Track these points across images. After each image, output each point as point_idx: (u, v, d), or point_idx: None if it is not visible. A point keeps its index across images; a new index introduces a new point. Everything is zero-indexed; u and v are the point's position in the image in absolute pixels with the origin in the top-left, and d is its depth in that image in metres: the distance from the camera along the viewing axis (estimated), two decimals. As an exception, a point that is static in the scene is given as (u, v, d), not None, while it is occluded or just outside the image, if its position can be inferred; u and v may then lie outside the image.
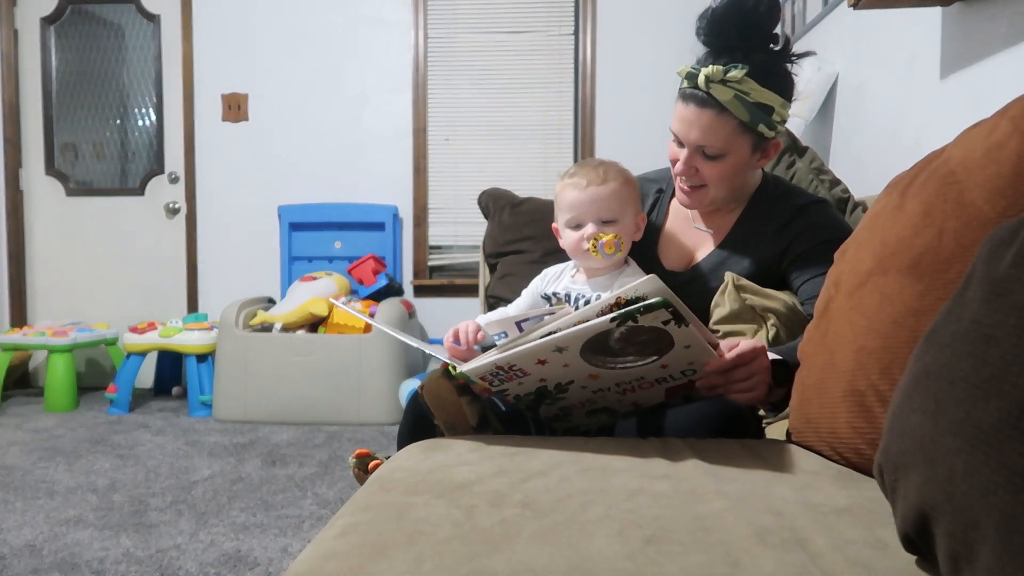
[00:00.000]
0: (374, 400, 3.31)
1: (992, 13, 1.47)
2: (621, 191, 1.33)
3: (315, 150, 3.93)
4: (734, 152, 1.28)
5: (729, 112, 1.24)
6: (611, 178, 1.33)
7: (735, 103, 1.24)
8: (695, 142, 1.28)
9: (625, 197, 1.34)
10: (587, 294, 1.34)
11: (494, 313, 1.44)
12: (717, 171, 1.30)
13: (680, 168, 1.32)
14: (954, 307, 0.63)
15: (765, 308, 1.27)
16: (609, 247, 1.30)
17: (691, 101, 1.27)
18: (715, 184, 1.32)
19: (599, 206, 1.32)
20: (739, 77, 1.22)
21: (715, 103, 1.24)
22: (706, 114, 1.25)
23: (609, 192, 1.32)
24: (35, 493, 2.37)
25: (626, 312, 0.87)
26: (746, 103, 1.24)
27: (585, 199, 1.32)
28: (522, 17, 3.85)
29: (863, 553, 0.66)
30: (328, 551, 0.70)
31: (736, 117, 1.25)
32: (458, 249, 3.97)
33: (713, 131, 1.26)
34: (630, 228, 1.36)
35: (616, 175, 1.34)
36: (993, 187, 0.80)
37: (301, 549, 1.82)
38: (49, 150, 4.09)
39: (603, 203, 1.32)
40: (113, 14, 4.05)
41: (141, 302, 4.05)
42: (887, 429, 0.67)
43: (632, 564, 0.64)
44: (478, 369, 0.99)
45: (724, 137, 1.26)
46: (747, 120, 1.25)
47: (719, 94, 1.24)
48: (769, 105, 1.26)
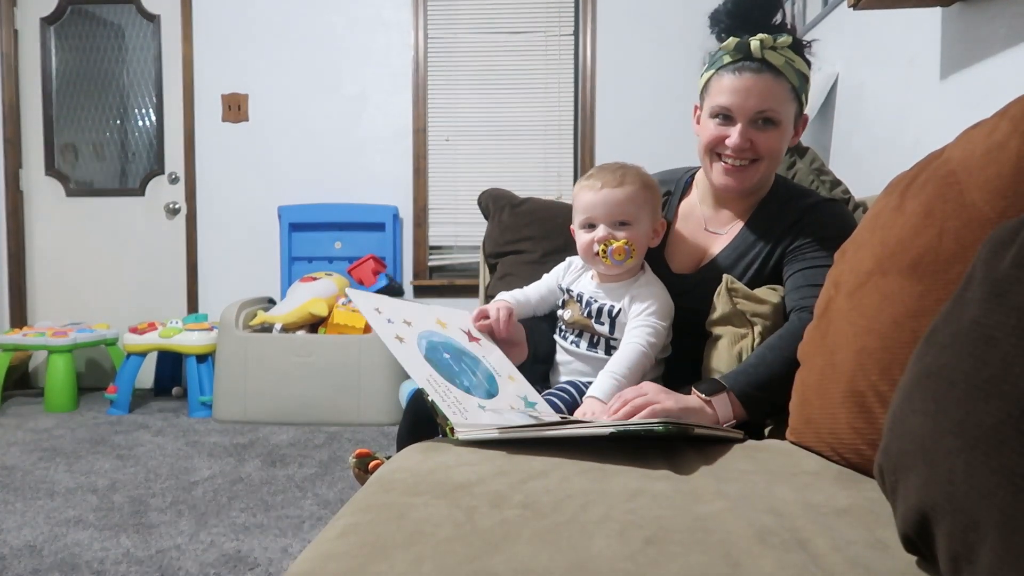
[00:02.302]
0: (374, 400, 3.31)
1: (992, 14, 1.47)
2: (637, 195, 1.29)
3: (315, 150, 3.93)
4: (785, 120, 1.30)
5: (784, 76, 1.27)
6: (628, 182, 1.30)
7: (787, 68, 1.27)
8: (754, 108, 1.28)
9: (641, 201, 1.30)
10: (600, 300, 1.33)
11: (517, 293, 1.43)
12: (772, 141, 1.30)
13: (735, 141, 1.29)
14: (954, 308, 0.63)
15: (754, 313, 1.27)
16: (619, 254, 1.27)
17: (745, 71, 1.28)
18: (769, 156, 1.31)
19: (612, 208, 1.29)
20: (787, 43, 1.26)
21: (771, 68, 1.27)
22: (764, 79, 1.27)
23: (624, 195, 1.29)
24: (35, 493, 2.37)
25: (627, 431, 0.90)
26: (794, 69, 1.28)
27: (599, 200, 1.29)
28: (522, 17, 3.85)
29: (863, 553, 0.66)
30: (328, 551, 0.70)
31: (789, 81, 1.28)
32: (458, 249, 3.97)
33: (773, 95, 1.28)
34: (644, 233, 1.31)
35: (635, 179, 1.30)
36: (993, 187, 0.80)
37: (301, 550, 1.82)
38: (49, 150, 4.09)
39: (617, 205, 1.29)
40: (113, 14, 4.05)
41: (141, 302, 4.05)
42: (887, 430, 0.67)
43: (632, 565, 0.64)
44: (476, 435, 1.00)
45: (782, 101, 1.29)
46: (796, 86, 1.29)
47: (773, 59, 1.27)
48: (806, 75, 1.30)
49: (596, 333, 1.33)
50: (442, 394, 1.05)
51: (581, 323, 1.34)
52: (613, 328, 1.31)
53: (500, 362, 1.25)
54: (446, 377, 1.10)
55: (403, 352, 1.11)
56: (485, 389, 1.14)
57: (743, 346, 1.26)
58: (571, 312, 1.36)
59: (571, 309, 1.36)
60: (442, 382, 1.08)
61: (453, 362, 1.16)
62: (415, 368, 1.09)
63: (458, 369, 1.14)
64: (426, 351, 1.13)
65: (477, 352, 1.23)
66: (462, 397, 1.08)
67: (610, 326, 1.31)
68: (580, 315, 1.34)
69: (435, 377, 1.08)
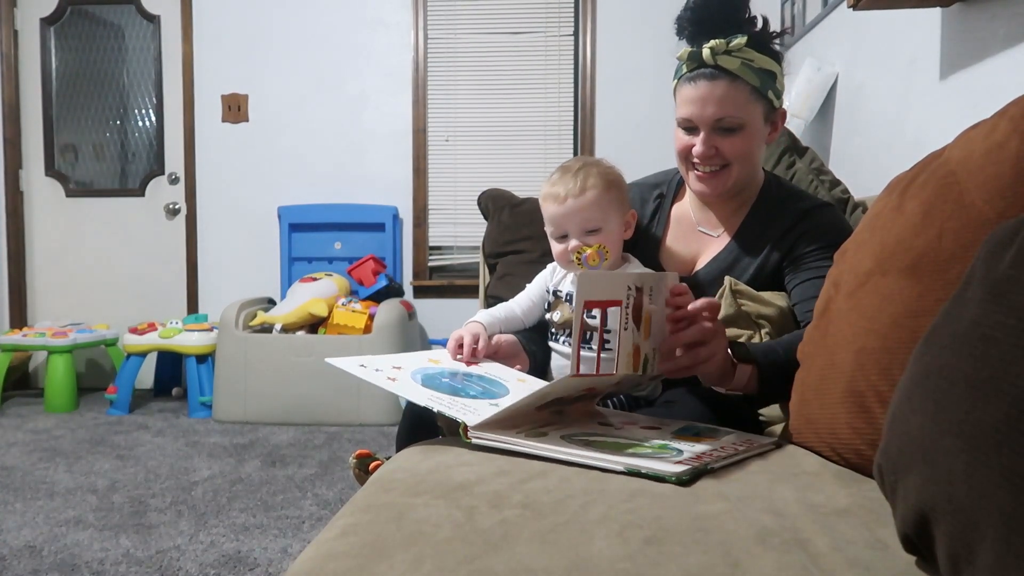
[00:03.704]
0: (374, 401, 3.31)
1: (992, 14, 1.47)
2: (601, 198, 1.28)
3: (315, 151, 3.93)
4: (750, 122, 1.29)
5: (741, 79, 1.26)
6: (590, 185, 1.28)
7: (744, 69, 1.26)
8: (712, 116, 1.28)
9: (606, 203, 1.29)
10: None
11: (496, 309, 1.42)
12: (738, 145, 1.30)
13: (700, 151, 1.30)
14: (953, 308, 0.63)
15: (760, 315, 1.27)
16: (593, 259, 1.27)
17: (700, 79, 1.28)
18: (738, 160, 1.31)
19: (580, 217, 1.28)
20: (741, 45, 1.25)
21: (725, 73, 1.26)
22: (719, 85, 1.27)
23: (588, 202, 1.28)
24: (35, 494, 2.37)
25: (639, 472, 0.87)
26: (753, 69, 1.27)
27: (565, 212, 1.29)
28: (522, 18, 3.86)
29: (863, 554, 0.66)
30: (328, 552, 0.70)
31: (748, 83, 1.27)
32: (458, 250, 3.97)
33: (730, 100, 1.27)
34: (615, 234, 1.32)
35: (596, 181, 1.29)
36: (993, 188, 0.80)
37: (301, 550, 1.82)
38: (49, 151, 4.09)
39: (584, 214, 1.28)
40: (113, 15, 4.05)
41: (141, 303, 4.05)
42: (887, 430, 0.67)
43: (632, 565, 0.64)
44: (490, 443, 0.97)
45: (740, 105, 1.28)
46: (758, 85, 1.28)
47: (727, 63, 1.26)
48: (772, 71, 1.29)
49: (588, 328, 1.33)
50: (447, 404, 1.03)
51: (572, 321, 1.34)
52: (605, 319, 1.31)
53: (504, 372, 1.24)
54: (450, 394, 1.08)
55: (399, 386, 1.09)
56: (494, 393, 1.12)
57: None
58: (560, 313, 1.35)
59: (560, 310, 1.35)
60: (446, 397, 1.06)
61: (454, 381, 1.13)
62: (414, 394, 1.06)
63: (460, 386, 1.12)
64: (423, 382, 1.11)
65: (478, 371, 1.21)
66: (470, 402, 1.06)
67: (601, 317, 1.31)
68: (570, 313, 1.33)
69: (437, 395, 1.06)
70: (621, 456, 0.89)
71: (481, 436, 0.97)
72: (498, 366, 1.26)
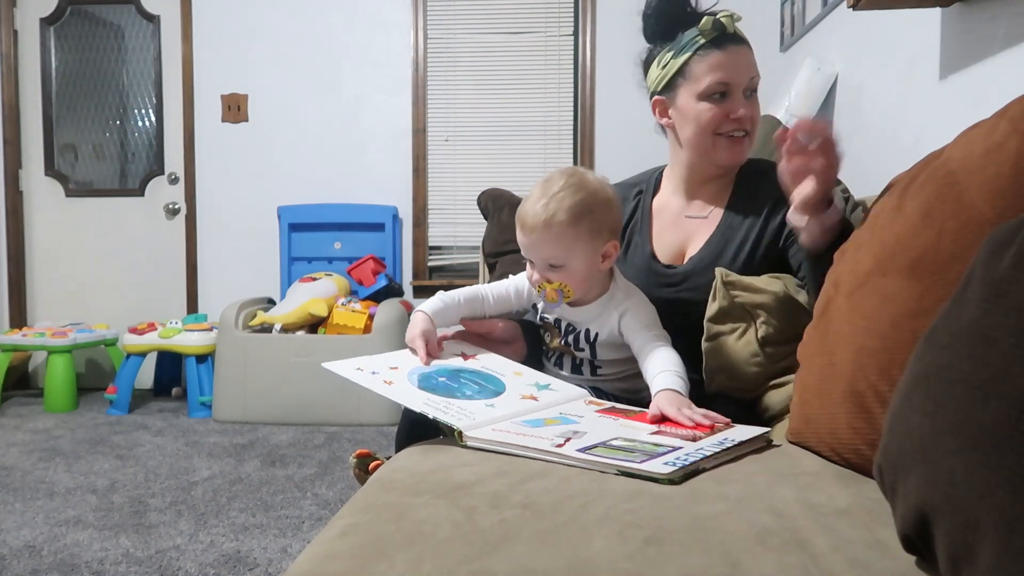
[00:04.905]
0: (374, 401, 3.30)
1: (992, 14, 1.47)
2: (565, 234, 1.20)
3: (315, 151, 3.92)
4: None
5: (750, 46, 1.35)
6: (557, 219, 1.19)
7: None
8: (748, 76, 1.33)
9: (571, 240, 1.20)
10: (576, 327, 1.30)
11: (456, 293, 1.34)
12: (757, 111, 1.36)
13: (742, 112, 1.32)
14: (953, 308, 0.63)
15: (754, 304, 1.24)
16: (551, 297, 1.25)
17: (728, 44, 1.32)
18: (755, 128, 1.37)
19: (543, 252, 1.23)
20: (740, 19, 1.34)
21: (744, 39, 1.34)
22: (745, 50, 1.34)
23: (552, 237, 1.20)
24: (35, 494, 2.37)
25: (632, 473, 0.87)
26: None
27: (529, 244, 1.25)
28: (522, 18, 3.85)
29: (863, 554, 0.66)
30: (328, 552, 0.70)
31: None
32: (458, 249, 3.97)
33: (754, 63, 1.35)
34: (580, 271, 1.24)
35: (564, 216, 1.19)
36: (992, 188, 0.80)
37: (301, 550, 1.82)
38: (49, 151, 4.09)
39: (546, 249, 1.22)
40: (113, 15, 4.05)
41: (141, 303, 4.05)
42: (886, 430, 0.67)
43: (632, 565, 0.65)
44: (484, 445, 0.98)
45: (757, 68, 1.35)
46: None
47: (741, 31, 1.34)
48: None
49: (578, 357, 1.33)
50: (442, 409, 1.04)
51: (562, 350, 1.34)
52: (595, 352, 1.30)
53: (502, 364, 1.25)
54: (445, 396, 1.10)
55: (394, 391, 1.10)
56: (490, 391, 1.14)
57: (748, 340, 1.24)
58: (551, 338, 1.35)
59: (551, 335, 1.35)
60: (440, 400, 1.07)
61: (451, 381, 1.15)
62: (410, 399, 1.08)
63: (457, 385, 1.14)
64: (419, 383, 1.13)
65: (475, 365, 1.23)
66: (465, 404, 1.07)
67: (591, 351, 1.30)
68: (560, 343, 1.33)
69: (432, 399, 1.08)
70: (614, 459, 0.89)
71: (476, 439, 0.99)
72: (496, 358, 1.27)
